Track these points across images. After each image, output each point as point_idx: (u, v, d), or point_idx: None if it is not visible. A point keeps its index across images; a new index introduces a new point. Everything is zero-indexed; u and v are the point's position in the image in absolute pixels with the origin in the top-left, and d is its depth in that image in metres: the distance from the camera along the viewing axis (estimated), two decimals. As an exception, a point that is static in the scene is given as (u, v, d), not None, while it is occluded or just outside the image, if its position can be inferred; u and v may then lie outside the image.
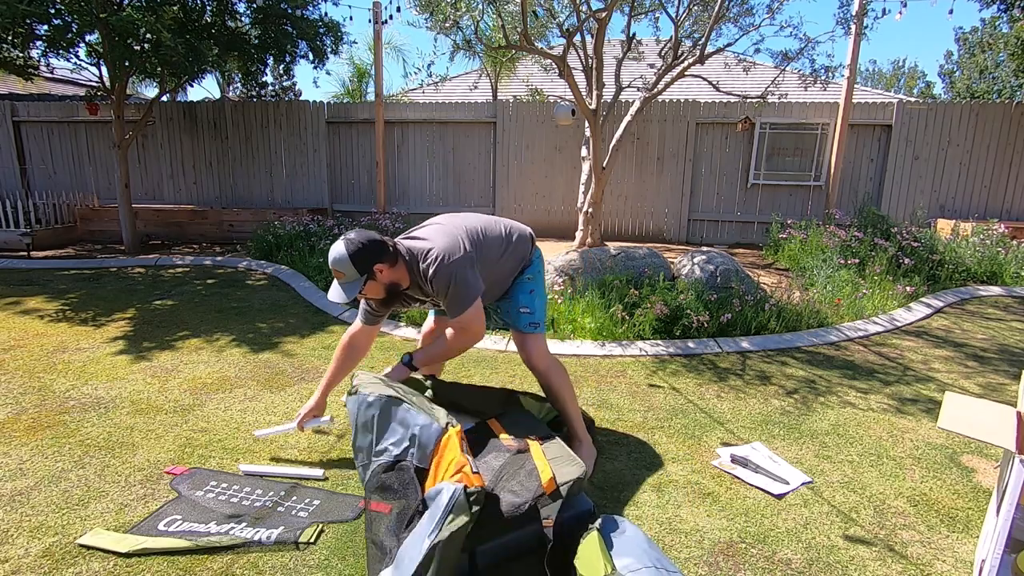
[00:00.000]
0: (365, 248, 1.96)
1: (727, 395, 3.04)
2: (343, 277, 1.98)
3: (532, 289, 2.29)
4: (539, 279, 2.33)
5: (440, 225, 2.16)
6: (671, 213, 7.71)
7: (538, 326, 2.27)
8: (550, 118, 7.58)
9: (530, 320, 2.26)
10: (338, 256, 1.95)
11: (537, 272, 2.33)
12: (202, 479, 2.17)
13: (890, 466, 2.35)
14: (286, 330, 4.03)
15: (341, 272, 1.97)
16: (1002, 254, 5.54)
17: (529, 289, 2.29)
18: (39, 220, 7.32)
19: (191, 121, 8.32)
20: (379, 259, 1.98)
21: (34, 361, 3.37)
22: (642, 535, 1.67)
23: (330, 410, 2.78)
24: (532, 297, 2.28)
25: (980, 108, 7.13)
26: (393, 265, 2.02)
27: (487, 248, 2.15)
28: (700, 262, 4.69)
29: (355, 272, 1.96)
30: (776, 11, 5.39)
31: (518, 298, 2.28)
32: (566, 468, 1.74)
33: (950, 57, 22.21)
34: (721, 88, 6.21)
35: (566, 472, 1.72)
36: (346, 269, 1.96)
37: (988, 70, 18.94)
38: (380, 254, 1.98)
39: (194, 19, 6.53)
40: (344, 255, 1.94)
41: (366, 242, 1.97)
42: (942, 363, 3.53)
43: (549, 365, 2.28)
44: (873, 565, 1.78)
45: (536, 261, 2.34)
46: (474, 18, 4.95)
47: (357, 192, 8.32)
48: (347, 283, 1.99)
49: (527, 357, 2.28)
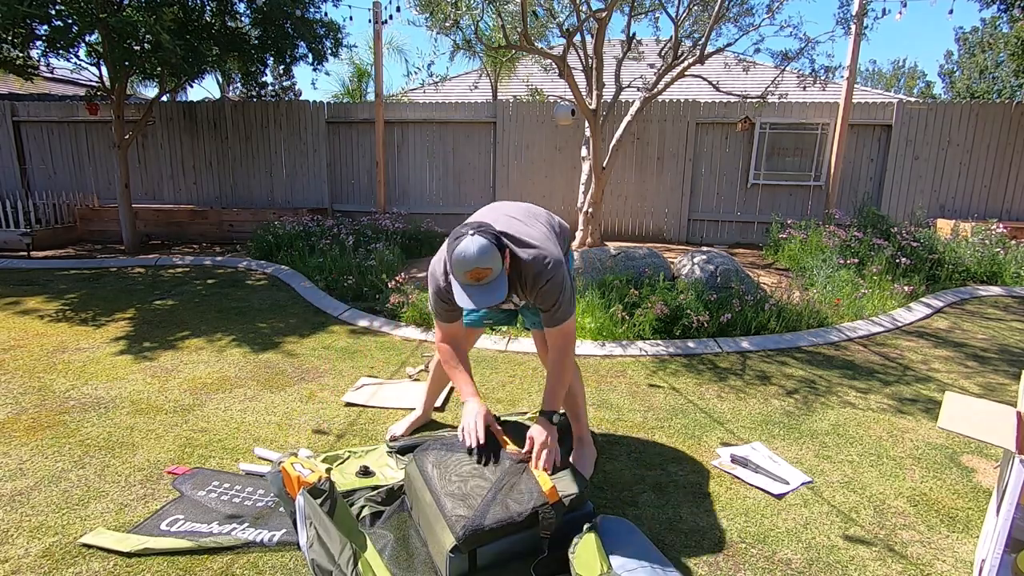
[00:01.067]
0: (495, 235, 1.73)
1: (727, 395, 3.04)
2: (490, 273, 1.70)
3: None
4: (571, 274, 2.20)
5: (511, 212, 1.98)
6: (671, 213, 7.71)
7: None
8: (550, 118, 7.58)
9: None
10: (482, 249, 1.66)
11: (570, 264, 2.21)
12: (204, 479, 2.17)
13: (890, 466, 2.36)
14: (286, 330, 4.03)
15: (488, 268, 1.68)
16: (1002, 254, 5.54)
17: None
18: (39, 220, 7.32)
19: (191, 121, 8.31)
20: (504, 246, 1.77)
21: (34, 361, 3.37)
22: (640, 535, 1.68)
23: (337, 412, 2.79)
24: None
25: (980, 108, 7.13)
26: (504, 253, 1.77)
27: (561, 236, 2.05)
28: (700, 262, 4.69)
29: (501, 263, 1.72)
30: (776, 11, 5.39)
31: None
32: (569, 481, 1.76)
33: (950, 57, 22.22)
34: (721, 88, 6.21)
35: (569, 485, 1.74)
36: (494, 261, 1.69)
37: (988, 70, 18.94)
38: (503, 241, 1.76)
39: (194, 19, 6.53)
40: (490, 245, 1.68)
41: (493, 231, 1.74)
42: (942, 363, 3.53)
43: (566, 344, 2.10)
44: (873, 565, 1.78)
45: (570, 256, 2.24)
46: (474, 18, 4.96)
47: (357, 192, 8.32)
48: (495, 278, 1.72)
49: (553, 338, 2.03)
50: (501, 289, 1.71)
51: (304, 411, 2.77)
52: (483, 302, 1.71)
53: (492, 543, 1.62)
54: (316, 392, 3.00)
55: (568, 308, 1.88)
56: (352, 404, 2.85)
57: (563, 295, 1.85)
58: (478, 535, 1.57)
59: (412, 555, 1.74)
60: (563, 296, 1.85)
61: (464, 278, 1.71)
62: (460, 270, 1.70)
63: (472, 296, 1.71)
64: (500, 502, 1.65)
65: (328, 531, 1.65)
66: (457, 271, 1.71)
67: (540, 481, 1.72)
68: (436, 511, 1.68)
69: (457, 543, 1.57)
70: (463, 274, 1.70)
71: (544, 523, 1.64)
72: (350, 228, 6.37)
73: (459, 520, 1.60)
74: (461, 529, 1.57)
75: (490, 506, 1.63)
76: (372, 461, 2.19)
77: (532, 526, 1.64)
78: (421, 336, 3.93)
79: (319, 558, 1.60)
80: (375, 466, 2.15)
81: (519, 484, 1.72)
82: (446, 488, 1.71)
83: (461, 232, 1.72)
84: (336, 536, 1.65)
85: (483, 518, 1.60)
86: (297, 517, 1.71)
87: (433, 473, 1.78)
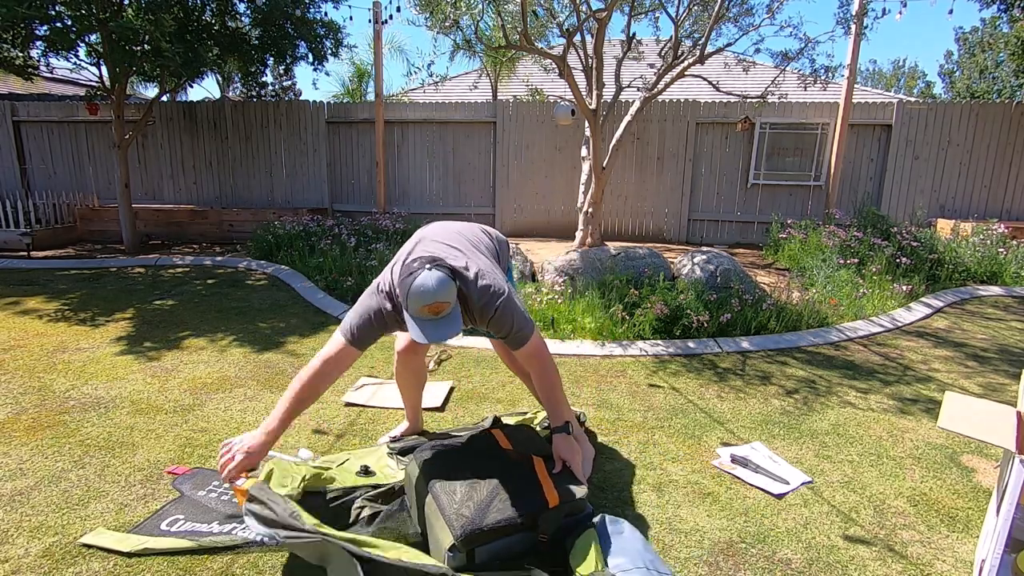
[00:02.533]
0: (450, 268, 1.74)
1: (727, 395, 3.04)
2: (446, 307, 1.69)
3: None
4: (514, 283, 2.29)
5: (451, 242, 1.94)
6: (671, 213, 7.71)
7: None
8: (550, 118, 7.58)
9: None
10: (441, 282, 1.65)
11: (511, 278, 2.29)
12: (204, 479, 2.17)
13: (890, 466, 2.36)
14: (286, 330, 4.03)
15: (447, 301, 1.68)
16: (1002, 254, 5.54)
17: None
18: (39, 220, 7.32)
19: (191, 121, 8.31)
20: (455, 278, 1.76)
21: (34, 361, 3.37)
22: (638, 536, 1.68)
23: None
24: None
25: (980, 108, 7.13)
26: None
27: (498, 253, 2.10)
28: (700, 262, 4.69)
29: (455, 296, 1.72)
30: (776, 11, 5.38)
31: None
32: (569, 485, 1.76)
33: (950, 57, 22.21)
34: (721, 88, 6.21)
35: (568, 488, 1.74)
36: (451, 295, 1.68)
37: (988, 70, 18.94)
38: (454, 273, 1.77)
39: (194, 19, 6.53)
40: (448, 279, 1.67)
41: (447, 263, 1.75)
42: (942, 363, 3.53)
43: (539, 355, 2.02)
44: (873, 565, 1.78)
45: (510, 269, 2.30)
46: (474, 18, 4.96)
47: (357, 192, 8.32)
48: (451, 311, 1.71)
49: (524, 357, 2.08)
50: (456, 323, 1.70)
51: (304, 411, 2.77)
52: (438, 337, 1.68)
53: (490, 543, 1.62)
54: (316, 392, 3.00)
55: (524, 327, 1.86)
56: (352, 404, 2.85)
57: (514, 319, 1.83)
58: (476, 535, 1.58)
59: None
60: (515, 321, 1.83)
61: (421, 312, 1.68)
62: (417, 304, 1.66)
63: (427, 330, 1.68)
64: (500, 503, 1.65)
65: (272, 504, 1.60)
66: (413, 305, 1.67)
67: (542, 484, 1.72)
68: (435, 510, 1.68)
69: (455, 542, 1.57)
70: (419, 308, 1.66)
71: (543, 525, 1.64)
72: (350, 228, 6.37)
73: (459, 519, 1.60)
74: (459, 528, 1.57)
75: (489, 506, 1.64)
76: (373, 461, 2.19)
77: (531, 527, 1.64)
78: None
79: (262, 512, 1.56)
80: (376, 466, 2.16)
81: (520, 486, 1.72)
82: (445, 488, 1.71)
83: (413, 266, 1.69)
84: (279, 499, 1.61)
85: (482, 518, 1.60)
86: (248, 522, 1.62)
87: (433, 473, 1.79)
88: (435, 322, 1.69)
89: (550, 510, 1.66)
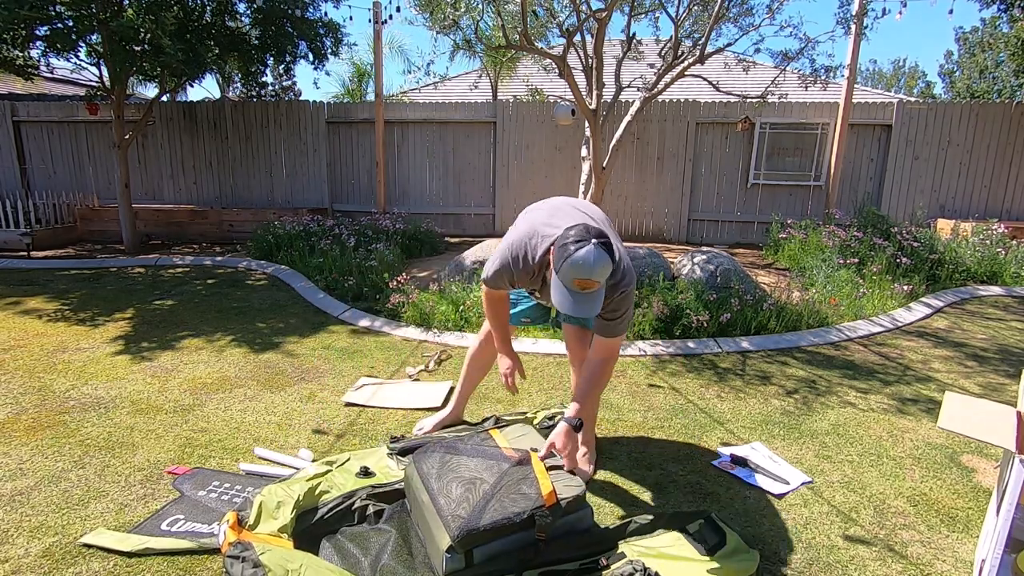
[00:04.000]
0: (613, 249, 1.68)
1: (727, 395, 3.04)
2: (597, 285, 1.66)
3: None
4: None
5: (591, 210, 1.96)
6: (671, 213, 7.71)
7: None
8: (550, 118, 7.58)
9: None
10: (604, 263, 1.61)
11: None
12: (204, 479, 2.17)
13: (890, 466, 2.36)
14: (286, 330, 4.03)
15: (598, 281, 1.64)
16: (1002, 254, 5.54)
17: None
18: (39, 220, 7.32)
19: (191, 121, 8.31)
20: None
21: (34, 361, 3.37)
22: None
23: (333, 410, 2.79)
24: None
25: (980, 108, 7.13)
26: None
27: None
28: (700, 262, 4.69)
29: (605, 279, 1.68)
30: (776, 11, 5.39)
31: None
32: (567, 484, 1.76)
33: (950, 57, 22.20)
34: (721, 88, 6.21)
35: (566, 488, 1.74)
36: (606, 276, 1.66)
37: (988, 70, 18.93)
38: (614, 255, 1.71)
39: (194, 19, 6.53)
40: (609, 260, 1.63)
41: (608, 239, 1.67)
42: (942, 363, 3.53)
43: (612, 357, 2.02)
44: (873, 565, 1.78)
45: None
46: (474, 18, 4.96)
47: (357, 192, 8.32)
48: (599, 291, 1.69)
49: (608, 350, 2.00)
50: (599, 302, 1.68)
51: (304, 411, 2.77)
52: (579, 311, 1.65)
53: (488, 543, 1.62)
54: (316, 392, 3.00)
55: (625, 324, 1.91)
56: (352, 404, 2.85)
57: (628, 310, 1.88)
58: (474, 535, 1.58)
59: (414, 555, 1.74)
60: (628, 311, 1.88)
61: (572, 283, 1.65)
62: (573, 275, 1.63)
63: (572, 301, 1.66)
64: (497, 503, 1.65)
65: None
66: (569, 274, 1.63)
67: (540, 483, 1.72)
68: (433, 511, 1.68)
69: (453, 543, 1.57)
70: (573, 280, 1.64)
71: (540, 524, 1.64)
72: (350, 228, 6.36)
73: (455, 520, 1.60)
74: (457, 529, 1.58)
75: (487, 507, 1.64)
76: (373, 462, 2.19)
77: (529, 527, 1.64)
78: (421, 336, 3.93)
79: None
80: (376, 467, 2.16)
81: (517, 485, 1.71)
82: (443, 489, 1.71)
83: (583, 236, 1.64)
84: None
85: (479, 519, 1.60)
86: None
87: (431, 474, 1.79)
88: (582, 296, 1.66)
89: (547, 508, 1.65)
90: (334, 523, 1.86)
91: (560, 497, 1.69)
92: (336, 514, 1.88)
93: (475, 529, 1.58)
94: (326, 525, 1.85)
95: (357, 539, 1.80)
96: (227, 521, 1.75)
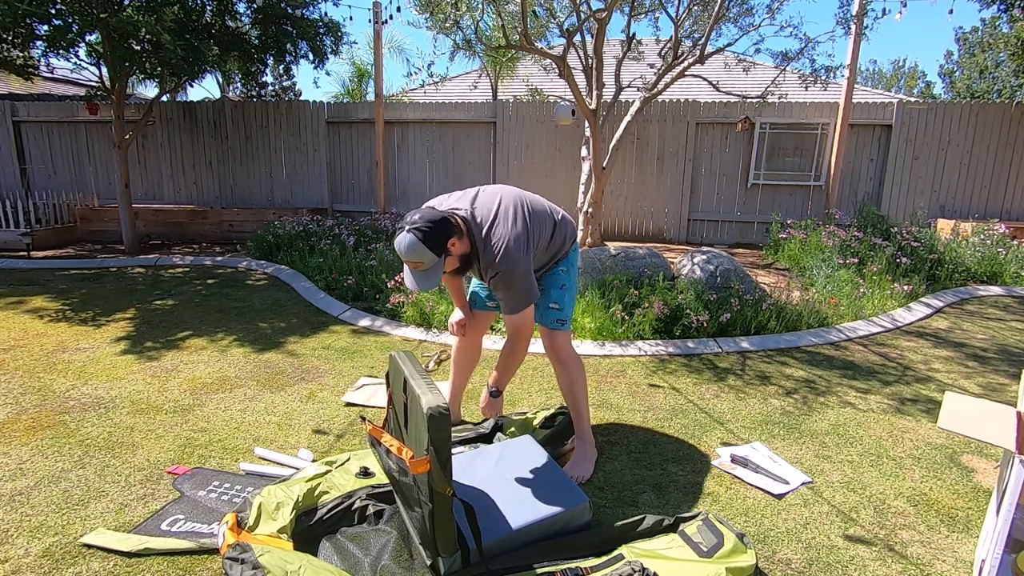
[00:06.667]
0: (435, 229, 1.84)
1: (727, 395, 3.04)
2: (422, 265, 1.87)
3: (564, 284, 2.23)
4: (572, 273, 2.27)
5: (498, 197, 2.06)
6: (671, 213, 7.71)
7: (564, 323, 2.23)
8: (550, 118, 7.58)
9: (558, 317, 2.22)
10: (410, 245, 1.82)
11: (571, 265, 2.27)
12: (204, 479, 2.17)
13: (890, 466, 2.36)
14: (286, 330, 4.03)
15: (419, 261, 1.86)
16: (1002, 254, 5.54)
17: (561, 284, 2.23)
18: (39, 220, 7.32)
19: (191, 121, 8.31)
20: (450, 235, 1.89)
21: (34, 361, 3.37)
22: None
23: (333, 409, 2.79)
24: (563, 293, 2.22)
25: (980, 108, 7.13)
26: (461, 238, 1.94)
27: (540, 230, 2.08)
28: (700, 262, 4.69)
29: (433, 256, 1.86)
30: (776, 11, 5.39)
31: (549, 293, 2.22)
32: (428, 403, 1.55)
33: (950, 57, 22.19)
34: (721, 88, 6.21)
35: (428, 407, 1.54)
36: (423, 256, 1.84)
37: (988, 70, 18.92)
38: (449, 230, 1.89)
39: (194, 19, 6.53)
40: (417, 242, 1.82)
41: (434, 222, 1.85)
42: (942, 363, 3.53)
43: (569, 357, 2.27)
44: (873, 565, 1.78)
45: (573, 253, 2.28)
46: (474, 18, 4.96)
47: (357, 192, 8.32)
48: (428, 269, 1.89)
49: (551, 350, 2.28)
50: (435, 277, 1.90)
51: (304, 411, 2.78)
52: (419, 285, 1.91)
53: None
54: (316, 392, 3.00)
55: (516, 303, 2.00)
56: (352, 404, 2.85)
57: (510, 291, 1.98)
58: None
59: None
60: (511, 292, 1.98)
61: (406, 263, 1.93)
62: (399, 257, 1.96)
63: (412, 277, 1.93)
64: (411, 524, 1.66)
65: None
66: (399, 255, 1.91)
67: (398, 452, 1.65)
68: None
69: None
70: (402, 261, 1.94)
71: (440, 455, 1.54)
72: (350, 228, 6.36)
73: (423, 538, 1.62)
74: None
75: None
76: (373, 462, 2.19)
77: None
78: (421, 336, 3.93)
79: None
80: (375, 467, 2.15)
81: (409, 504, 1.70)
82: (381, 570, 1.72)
83: (404, 222, 1.88)
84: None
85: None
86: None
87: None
88: (416, 274, 1.92)
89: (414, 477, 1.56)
90: (334, 524, 1.86)
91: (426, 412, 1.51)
92: (336, 515, 1.88)
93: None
94: (326, 526, 1.85)
95: (357, 540, 1.80)
96: (226, 522, 1.75)
